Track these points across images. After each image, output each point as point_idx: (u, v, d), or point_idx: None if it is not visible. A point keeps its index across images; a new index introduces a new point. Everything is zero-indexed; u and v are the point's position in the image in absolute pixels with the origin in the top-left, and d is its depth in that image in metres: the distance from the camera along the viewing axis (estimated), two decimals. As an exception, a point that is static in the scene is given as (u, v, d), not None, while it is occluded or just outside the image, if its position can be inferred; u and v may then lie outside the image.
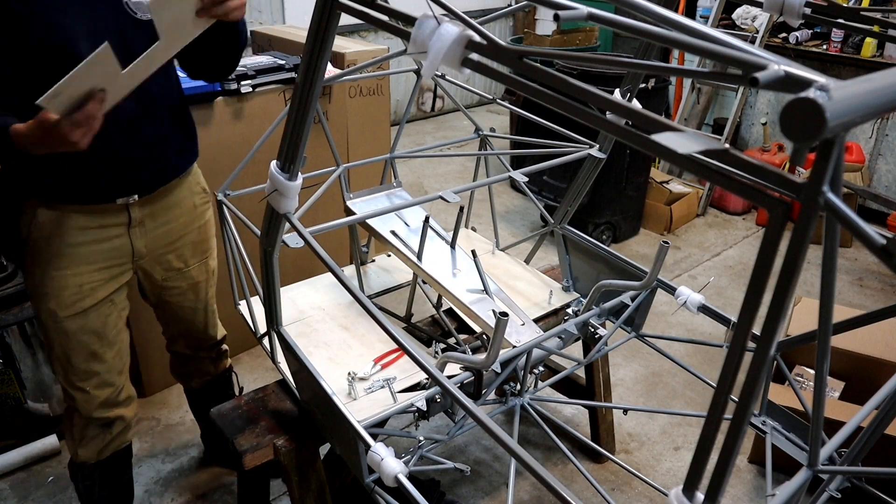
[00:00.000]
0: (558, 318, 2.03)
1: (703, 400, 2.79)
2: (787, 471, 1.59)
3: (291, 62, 2.68)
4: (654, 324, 3.27)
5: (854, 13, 1.32)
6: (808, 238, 0.59)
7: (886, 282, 3.81)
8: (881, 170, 4.27)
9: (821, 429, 1.13)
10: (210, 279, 2.04)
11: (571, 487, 2.25)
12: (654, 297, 1.90)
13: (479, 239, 2.41)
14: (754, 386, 0.67)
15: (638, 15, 0.78)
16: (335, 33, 1.14)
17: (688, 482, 0.76)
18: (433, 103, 6.30)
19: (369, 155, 2.66)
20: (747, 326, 0.66)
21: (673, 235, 4.25)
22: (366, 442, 1.31)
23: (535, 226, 4.32)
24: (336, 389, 1.46)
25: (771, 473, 1.57)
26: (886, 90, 0.55)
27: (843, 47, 4.36)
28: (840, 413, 2.10)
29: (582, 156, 1.90)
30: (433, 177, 4.94)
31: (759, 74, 0.56)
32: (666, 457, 2.53)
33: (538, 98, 0.79)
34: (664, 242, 1.69)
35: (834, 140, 0.55)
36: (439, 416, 1.69)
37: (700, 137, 0.60)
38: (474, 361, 1.42)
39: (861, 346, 2.40)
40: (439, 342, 1.94)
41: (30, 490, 2.31)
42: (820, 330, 1.00)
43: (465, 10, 0.86)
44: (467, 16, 0.85)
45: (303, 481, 1.69)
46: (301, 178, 1.30)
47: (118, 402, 1.86)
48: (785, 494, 1.04)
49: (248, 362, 2.96)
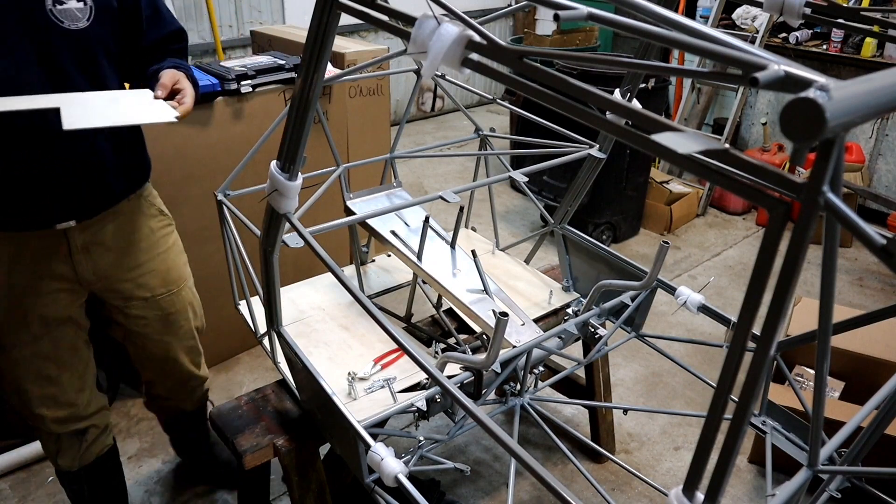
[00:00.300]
0: (558, 318, 2.03)
1: (703, 400, 2.79)
2: (787, 471, 1.59)
3: (291, 62, 2.68)
4: (654, 324, 3.27)
5: (854, 13, 1.32)
6: (808, 238, 0.59)
7: (886, 282, 3.81)
8: (881, 170, 4.27)
9: (821, 429, 1.13)
10: (187, 312, 1.90)
11: (571, 487, 2.25)
12: (654, 297, 1.90)
13: (479, 239, 2.41)
14: (754, 386, 0.67)
15: (638, 15, 0.78)
16: (335, 33, 1.14)
17: (688, 482, 0.76)
18: (433, 103, 6.30)
19: (369, 155, 2.66)
20: (747, 326, 0.66)
21: (673, 235, 4.25)
22: (366, 442, 1.31)
23: (535, 226, 4.32)
24: (336, 389, 1.46)
25: (771, 473, 1.57)
26: (886, 90, 0.55)
27: (843, 47, 4.36)
28: (840, 413, 2.09)
29: (582, 156, 1.90)
30: (433, 177, 4.94)
31: (759, 74, 0.56)
32: (666, 457, 2.53)
33: (538, 98, 0.79)
34: (664, 242, 1.69)
35: (834, 140, 0.55)
36: (439, 416, 1.69)
37: (700, 137, 0.60)
38: (474, 361, 1.42)
39: (861, 346, 2.40)
40: (439, 342, 1.94)
41: (30, 490, 2.31)
42: (820, 330, 1.00)
43: (465, 10, 0.86)
44: (467, 16, 0.85)
45: (303, 481, 1.69)
46: (301, 178, 1.30)
47: (85, 416, 1.80)
48: (785, 494, 1.04)
49: (248, 362, 2.96)
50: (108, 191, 1.64)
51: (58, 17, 1.39)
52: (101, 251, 1.66)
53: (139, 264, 1.74)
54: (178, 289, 1.86)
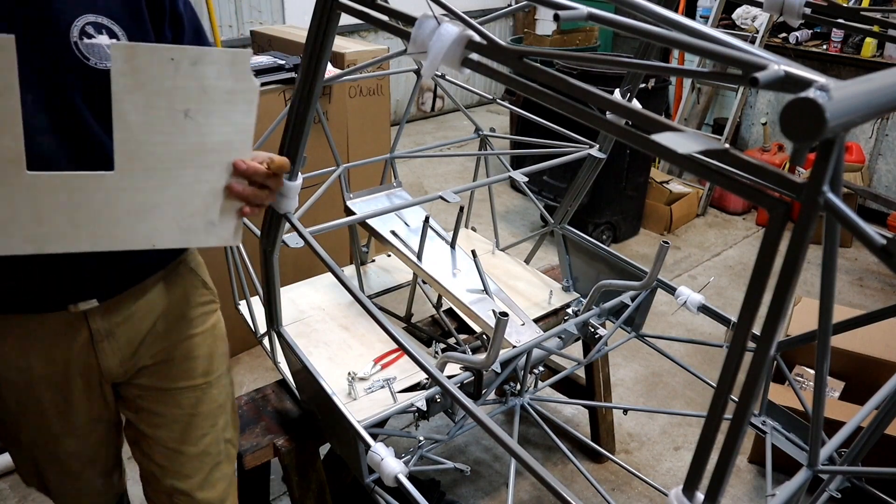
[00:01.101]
0: (558, 318, 2.03)
1: (703, 400, 2.79)
2: (787, 471, 1.59)
3: (291, 62, 2.68)
4: (654, 324, 3.27)
5: (854, 13, 1.32)
6: (808, 238, 0.59)
7: (886, 282, 3.81)
8: (881, 170, 4.27)
9: (821, 429, 1.13)
10: (216, 418, 1.41)
11: (571, 487, 2.25)
12: (654, 297, 1.90)
13: (479, 239, 2.41)
14: (754, 386, 0.67)
15: (638, 15, 0.78)
16: (335, 33, 1.14)
17: (688, 482, 0.76)
18: (433, 103, 6.29)
19: (369, 155, 2.66)
20: (747, 326, 0.66)
21: (673, 235, 4.25)
22: (366, 442, 1.31)
23: (535, 226, 4.32)
24: (336, 389, 1.46)
25: (771, 473, 1.57)
26: (886, 90, 0.55)
27: (843, 47, 4.36)
28: (840, 413, 2.09)
29: (582, 156, 1.91)
30: (433, 177, 4.94)
31: (759, 74, 0.56)
32: (666, 457, 2.53)
33: (538, 98, 0.79)
34: (664, 242, 1.69)
35: (834, 140, 0.55)
36: (439, 416, 1.69)
37: (700, 137, 0.60)
38: (474, 361, 1.42)
39: (861, 346, 2.40)
40: (439, 342, 1.94)
41: (30, 490, 2.31)
42: (820, 330, 1.00)
43: (465, 10, 0.86)
44: (467, 16, 0.85)
45: (303, 481, 1.69)
46: (301, 178, 1.30)
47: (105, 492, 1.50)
48: (785, 494, 1.04)
49: (248, 362, 2.96)
50: (140, 261, 1.25)
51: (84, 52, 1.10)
52: (129, 337, 1.28)
53: (165, 348, 1.34)
54: (206, 383, 1.40)
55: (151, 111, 0.93)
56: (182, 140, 0.97)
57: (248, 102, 1.00)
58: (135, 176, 0.97)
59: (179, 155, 0.98)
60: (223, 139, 1.01)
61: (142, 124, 0.93)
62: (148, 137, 0.95)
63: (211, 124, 0.98)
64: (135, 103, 0.91)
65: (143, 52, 0.90)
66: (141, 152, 0.95)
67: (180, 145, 0.97)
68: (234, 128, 1.01)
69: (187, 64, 0.92)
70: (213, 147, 1.00)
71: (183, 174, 1.00)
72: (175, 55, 0.91)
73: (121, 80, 0.89)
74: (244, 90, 0.99)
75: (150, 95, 0.92)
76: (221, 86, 0.96)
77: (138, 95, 0.91)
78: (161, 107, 0.93)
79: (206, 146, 1.00)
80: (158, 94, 0.92)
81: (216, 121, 0.99)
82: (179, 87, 0.93)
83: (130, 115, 0.92)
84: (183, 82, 0.93)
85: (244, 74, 0.97)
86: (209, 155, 1.01)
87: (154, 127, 0.94)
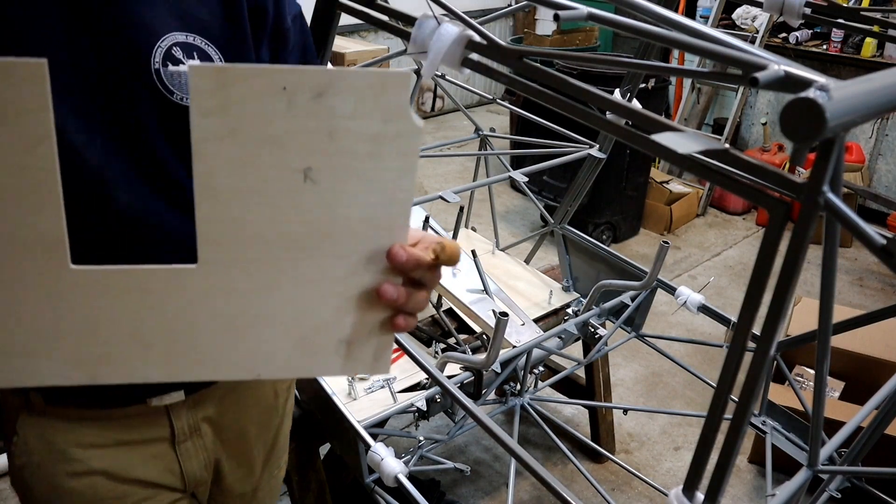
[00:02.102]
0: (558, 318, 2.03)
1: (703, 400, 2.79)
2: (787, 471, 1.59)
3: (291, 62, 2.67)
4: (654, 324, 3.27)
5: (854, 13, 1.32)
6: (808, 238, 0.59)
7: (886, 282, 3.81)
8: (881, 170, 4.27)
9: (821, 429, 1.13)
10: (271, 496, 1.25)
11: (571, 487, 2.25)
12: (654, 297, 1.90)
13: (479, 239, 2.41)
14: (754, 386, 0.67)
15: (638, 15, 0.78)
16: (335, 33, 1.14)
17: (688, 482, 0.76)
18: (433, 103, 6.30)
19: (369, 155, 2.65)
20: (747, 326, 0.66)
21: (673, 235, 4.25)
22: (366, 442, 1.31)
23: (535, 226, 4.32)
24: (336, 389, 1.46)
25: (771, 473, 1.57)
26: (886, 90, 0.55)
27: (843, 47, 4.36)
28: (840, 413, 2.09)
29: (582, 156, 1.91)
30: (433, 177, 4.94)
31: (759, 74, 0.56)
32: (666, 457, 2.53)
33: (538, 98, 0.79)
34: (664, 242, 1.69)
35: (834, 140, 0.55)
36: (439, 416, 1.69)
37: (700, 137, 0.60)
38: (474, 361, 1.42)
39: (861, 346, 2.40)
40: (439, 342, 1.94)
41: (30, 490, 2.31)
42: (820, 330, 1.00)
43: (465, 10, 0.87)
44: (467, 16, 0.85)
45: (303, 481, 1.69)
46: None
47: None
48: (785, 494, 1.04)
49: (248, 362, 2.96)
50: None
51: (167, 84, 0.82)
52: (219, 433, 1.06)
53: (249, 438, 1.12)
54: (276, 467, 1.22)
55: (251, 170, 0.59)
56: (300, 216, 0.62)
57: (404, 154, 0.62)
58: (227, 271, 0.63)
59: (296, 238, 0.63)
60: (365, 214, 0.64)
61: (236, 191, 0.59)
62: (246, 213, 0.61)
63: (346, 191, 0.63)
64: (226, 158, 0.58)
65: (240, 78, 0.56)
66: (236, 235, 0.61)
67: (297, 224, 0.63)
68: (383, 195, 0.64)
69: (308, 95, 0.57)
70: (348, 226, 0.64)
71: (301, 268, 0.65)
72: (289, 82, 0.57)
73: (204, 122, 0.56)
74: (399, 134, 0.61)
75: (250, 145, 0.58)
76: (362, 128, 0.60)
77: (231, 146, 0.58)
78: (266, 164, 0.59)
79: (339, 225, 0.64)
80: (262, 144, 0.58)
81: (354, 185, 0.62)
82: (295, 131, 0.58)
83: (219, 176, 0.59)
84: (301, 124, 0.58)
85: (400, 110, 0.60)
86: (343, 238, 0.65)
87: (256, 196, 0.60)
